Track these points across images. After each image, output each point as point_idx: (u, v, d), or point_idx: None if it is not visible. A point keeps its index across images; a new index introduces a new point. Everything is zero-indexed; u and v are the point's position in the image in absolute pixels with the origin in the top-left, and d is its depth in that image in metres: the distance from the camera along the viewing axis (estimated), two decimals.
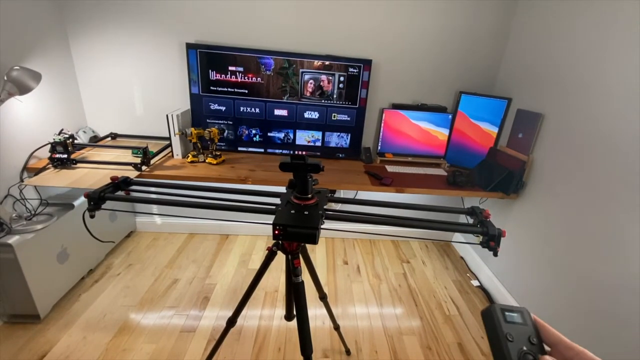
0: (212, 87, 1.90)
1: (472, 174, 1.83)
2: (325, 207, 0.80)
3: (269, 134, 2.04)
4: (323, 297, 1.32)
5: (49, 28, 1.73)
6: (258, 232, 2.42)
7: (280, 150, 2.08)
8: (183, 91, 1.97)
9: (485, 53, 2.02)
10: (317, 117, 2.01)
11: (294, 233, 0.70)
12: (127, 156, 1.75)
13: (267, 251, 1.07)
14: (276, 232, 0.70)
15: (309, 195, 0.76)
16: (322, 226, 0.75)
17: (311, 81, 1.91)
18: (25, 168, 1.59)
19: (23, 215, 1.56)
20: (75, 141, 1.68)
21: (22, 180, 1.57)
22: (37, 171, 1.57)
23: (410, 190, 1.74)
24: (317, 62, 1.88)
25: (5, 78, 1.37)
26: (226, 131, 1.99)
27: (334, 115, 2.01)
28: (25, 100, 1.53)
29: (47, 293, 1.60)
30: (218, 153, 1.85)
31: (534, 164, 1.71)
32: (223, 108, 1.96)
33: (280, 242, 1.03)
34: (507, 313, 0.39)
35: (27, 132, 1.62)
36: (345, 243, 2.46)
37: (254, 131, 2.03)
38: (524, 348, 0.37)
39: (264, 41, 1.91)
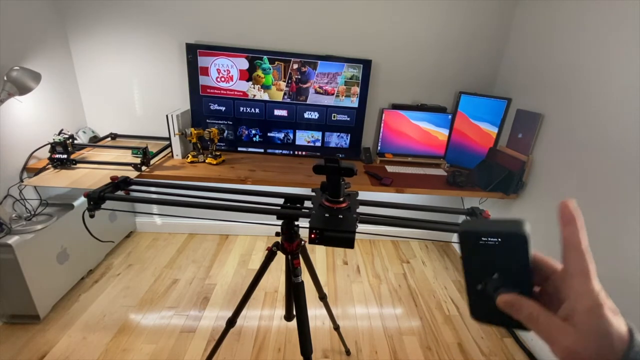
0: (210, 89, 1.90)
1: (472, 174, 1.83)
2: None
3: (268, 134, 2.04)
4: (323, 297, 1.32)
5: (48, 28, 1.73)
6: (258, 232, 2.42)
7: (280, 151, 2.08)
8: (183, 91, 1.97)
9: (484, 53, 2.02)
10: (316, 117, 2.01)
11: (331, 237, 0.69)
12: (127, 156, 1.75)
13: (267, 251, 1.07)
14: (312, 235, 0.69)
15: (341, 199, 0.75)
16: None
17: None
18: (25, 168, 1.59)
19: (23, 215, 1.56)
20: (75, 141, 1.68)
21: (21, 181, 1.57)
22: (37, 171, 1.57)
23: (410, 190, 1.74)
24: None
25: (5, 78, 1.37)
26: (226, 131, 1.99)
27: (334, 116, 2.01)
28: (25, 101, 1.53)
29: (46, 293, 1.60)
30: (218, 153, 1.85)
31: (534, 164, 1.71)
32: (223, 108, 1.97)
33: (280, 242, 1.03)
34: (483, 239, 0.31)
35: (27, 133, 1.61)
36: None
37: (253, 131, 2.03)
38: (496, 275, 0.31)
39: (263, 41, 1.91)
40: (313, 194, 0.87)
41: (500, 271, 0.31)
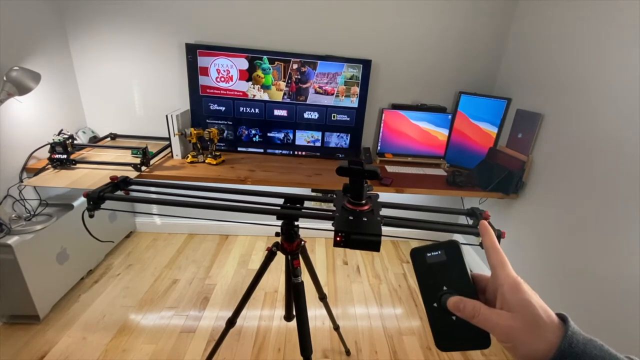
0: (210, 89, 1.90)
1: (472, 174, 1.83)
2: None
3: (268, 134, 2.04)
4: (323, 297, 1.32)
5: (48, 28, 1.72)
6: (258, 232, 2.42)
7: (280, 151, 2.08)
8: (183, 91, 1.97)
9: (484, 53, 2.02)
10: (316, 118, 2.01)
11: (358, 240, 0.67)
12: (126, 157, 1.75)
13: (266, 251, 1.07)
14: (337, 238, 0.67)
15: (363, 201, 0.75)
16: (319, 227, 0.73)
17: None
18: (24, 168, 1.59)
19: (22, 215, 1.56)
20: (75, 141, 1.68)
21: (21, 181, 1.57)
22: (37, 172, 1.57)
23: (410, 190, 1.74)
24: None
25: (5, 78, 1.37)
26: (226, 131, 1.99)
27: (334, 116, 2.01)
28: (24, 101, 1.53)
29: (46, 294, 1.59)
30: (218, 153, 1.84)
31: (534, 164, 1.71)
32: (223, 108, 1.96)
33: (280, 242, 1.03)
34: (428, 254, 0.38)
35: (27, 133, 1.61)
36: None
37: (253, 131, 2.03)
38: (445, 288, 0.37)
39: (263, 41, 1.91)
40: (313, 194, 0.87)
41: (447, 283, 0.37)
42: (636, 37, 1.22)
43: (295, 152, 2.09)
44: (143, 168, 1.64)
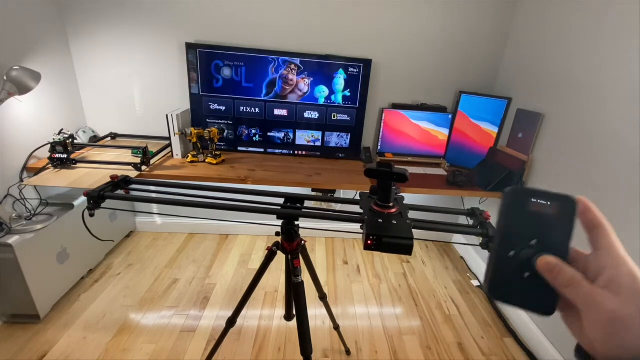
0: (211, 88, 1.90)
1: (472, 174, 1.83)
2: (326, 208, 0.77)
3: (268, 134, 2.04)
4: (323, 297, 1.32)
5: (48, 28, 1.72)
6: (258, 232, 2.42)
7: (280, 150, 2.08)
8: (183, 91, 1.97)
9: (485, 53, 2.01)
10: (317, 117, 2.01)
11: (390, 244, 0.66)
12: (127, 156, 1.75)
13: (267, 251, 1.07)
14: (369, 242, 0.66)
15: (391, 204, 0.75)
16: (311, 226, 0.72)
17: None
18: (25, 168, 1.59)
19: (23, 215, 1.56)
20: (75, 141, 1.68)
21: (21, 180, 1.57)
22: (37, 171, 1.57)
23: (410, 190, 1.74)
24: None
25: (5, 78, 1.37)
26: (226, 131, 1.99)
27: (334, 115, 2.01)
28: (25, 100, 1.53)
29: (47, 293, 1.60)
30: (218, 153, 1.85)
31: (534, 164, 1.71)
32: (223, 108, 1.96)
33: (280, 242, 1.03)
34: (533, 200, 0.31)
35: (27, 132, 1.61)
36: (345, 243, 2.46)
37: (253, 131, 2.03)
38: (533, 242, 0.31)
39: (263, 41, 1.91)
40: (313, 193, 0.87)
41: (540, 238, 0.31)
42: (636, 36, 1.22)
43: (296, 152, 2.09)
44: (143, 168, 1.64)
